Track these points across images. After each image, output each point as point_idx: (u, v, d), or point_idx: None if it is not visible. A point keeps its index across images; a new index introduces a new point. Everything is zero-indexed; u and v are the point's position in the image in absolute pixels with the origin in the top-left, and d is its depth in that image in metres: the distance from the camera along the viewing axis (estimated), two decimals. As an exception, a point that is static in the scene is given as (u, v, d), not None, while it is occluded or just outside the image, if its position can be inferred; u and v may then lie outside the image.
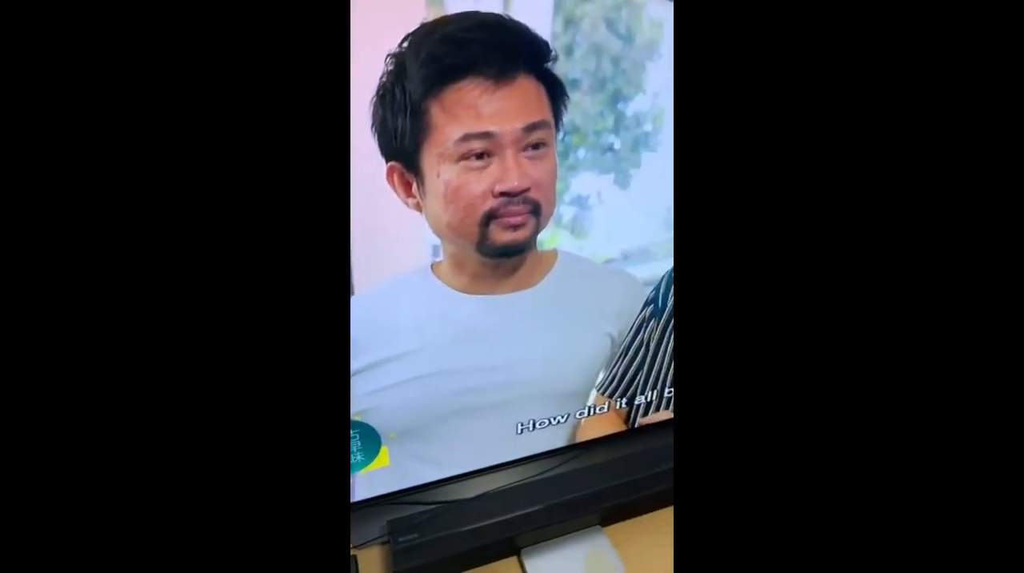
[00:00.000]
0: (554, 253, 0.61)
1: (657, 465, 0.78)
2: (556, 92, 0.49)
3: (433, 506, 0.72)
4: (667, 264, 0.69)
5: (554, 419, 0.72)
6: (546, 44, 0.47)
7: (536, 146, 0.50)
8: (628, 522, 0.77)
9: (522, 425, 0.70)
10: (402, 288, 0.55)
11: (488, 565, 0.73)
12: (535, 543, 0.74)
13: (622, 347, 0.74)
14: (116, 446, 0.28)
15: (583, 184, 0.58)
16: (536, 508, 0.72)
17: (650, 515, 0.77)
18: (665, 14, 0.52)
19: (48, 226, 0.27)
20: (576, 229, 0.62)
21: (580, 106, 0.52)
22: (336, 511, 0.31)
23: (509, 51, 0.46)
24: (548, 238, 0.61)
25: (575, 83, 0.51)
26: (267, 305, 0.30)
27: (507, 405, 0.66)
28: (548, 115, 0.50)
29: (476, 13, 0.44)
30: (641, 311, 0.73)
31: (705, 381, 0.32)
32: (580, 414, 0.73)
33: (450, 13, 0.44)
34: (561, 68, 0.50)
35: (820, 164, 0.30)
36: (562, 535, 0.75)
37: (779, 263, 0.31)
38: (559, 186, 0.56)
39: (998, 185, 0.28)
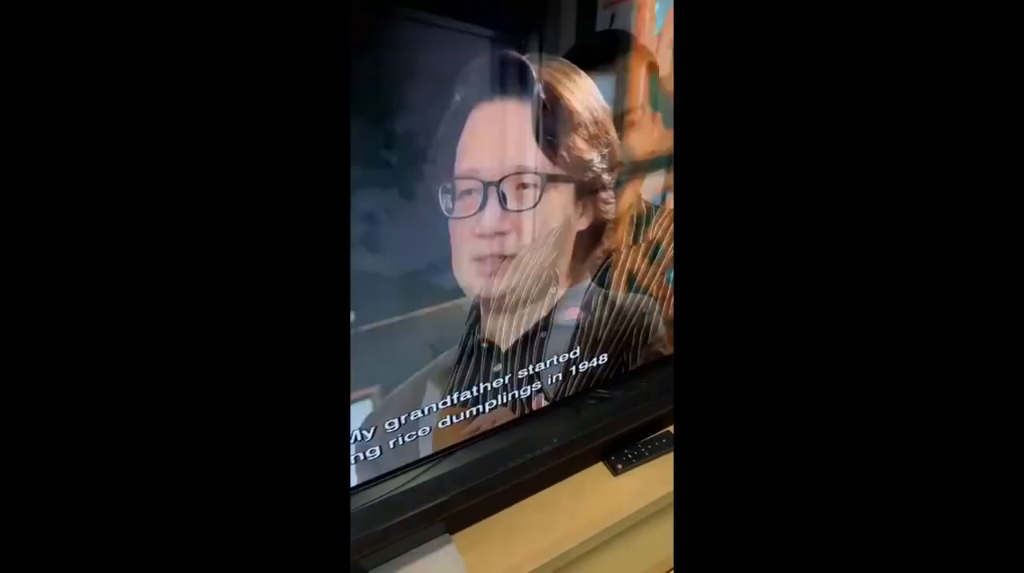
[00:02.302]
0: None
1: (503, 464, 0.80)
2: None
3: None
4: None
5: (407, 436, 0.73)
6: None
7: None
8: (479, 524, 0.78)
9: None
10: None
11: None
12: (382, 562, 0.74)
13: (456, 356, 0.75)
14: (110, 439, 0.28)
15: (367, 201, 0.58)
16: (380, 527, 0.72)
17: (498, 515, 0.79)
18: (417, 34, 0.53)
19: (47, 228, 0.27)
20: (371, 245, 0.62)
21: (342, 126, 0.52)
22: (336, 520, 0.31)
23: None
24: (342, 258, 0.60)
25: (329, 104, 0.51)
26: (265, 307, 0.30)
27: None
28: None
29: None
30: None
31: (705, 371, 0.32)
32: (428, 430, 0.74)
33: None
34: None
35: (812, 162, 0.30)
36: (410, 549, 0.75)
37: (778, 256, 0.31)
38: (339, 206, 0.56)
39: (998, 185, 0.28)
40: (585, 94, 0.63)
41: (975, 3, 0.28)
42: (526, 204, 0.63)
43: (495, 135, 0.61)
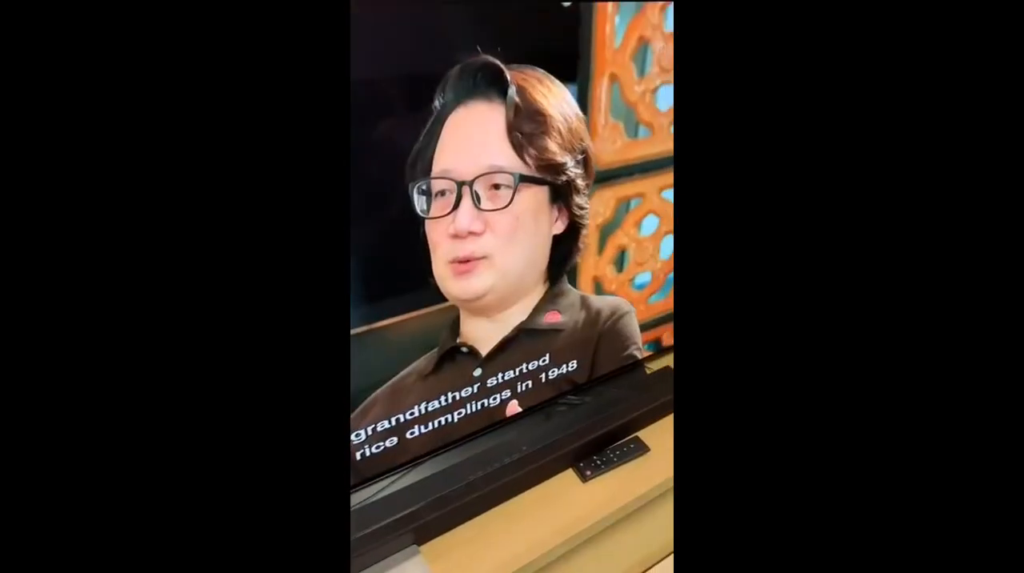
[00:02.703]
0: None
1: (472, 474, 0.79)
2: None
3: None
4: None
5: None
6: None
7: None
8: (447, 535, 0.76)
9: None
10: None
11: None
12: (348, 576, 0.71)
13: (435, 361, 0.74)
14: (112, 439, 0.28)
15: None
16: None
17: (466, 525, 0.78)
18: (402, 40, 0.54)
19: (46, 228, 0.27)
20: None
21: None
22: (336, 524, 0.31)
23: None
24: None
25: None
26: (267, 309, 0.30)
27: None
28: None
29: None
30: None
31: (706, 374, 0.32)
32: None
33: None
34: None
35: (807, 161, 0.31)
36: (377, 561, 0.72)
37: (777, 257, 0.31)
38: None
39: (998, 185, 0.28)
40: (559, 100, 0.65)
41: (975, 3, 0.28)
42: (500, 204, 0.64)
43: (469, 136, 0.62)
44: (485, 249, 0.64)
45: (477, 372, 0.76)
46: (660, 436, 0.91)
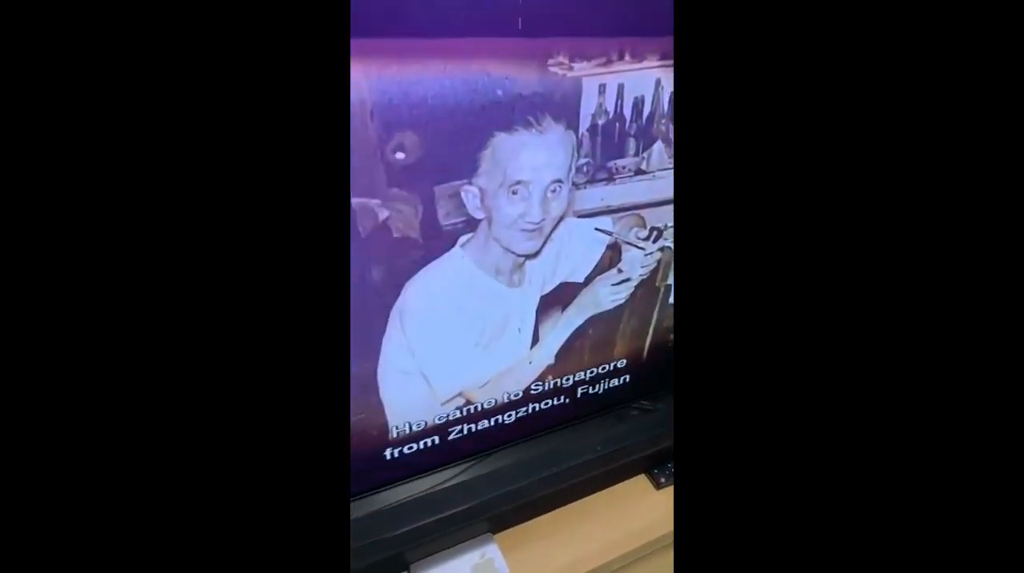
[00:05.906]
0: None
1: (547, 468, 0.79)
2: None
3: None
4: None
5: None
6: None
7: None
8: (520, 527, 0.77)
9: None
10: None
11: (376, 584, 0.70)
12: (425, 556, 0.72)
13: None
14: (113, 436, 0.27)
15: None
16: (424, 521, 0.71)
17: (539, 519, 0.78)
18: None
19: (46, 228, 0.26)
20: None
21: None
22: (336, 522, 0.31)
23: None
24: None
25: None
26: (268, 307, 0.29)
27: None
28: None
29: None
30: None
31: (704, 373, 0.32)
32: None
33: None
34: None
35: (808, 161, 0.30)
36: (453, 545, 0.73)
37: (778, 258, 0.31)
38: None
39: (998, 185, 0.28)
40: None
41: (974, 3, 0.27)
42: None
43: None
44: None
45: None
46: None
